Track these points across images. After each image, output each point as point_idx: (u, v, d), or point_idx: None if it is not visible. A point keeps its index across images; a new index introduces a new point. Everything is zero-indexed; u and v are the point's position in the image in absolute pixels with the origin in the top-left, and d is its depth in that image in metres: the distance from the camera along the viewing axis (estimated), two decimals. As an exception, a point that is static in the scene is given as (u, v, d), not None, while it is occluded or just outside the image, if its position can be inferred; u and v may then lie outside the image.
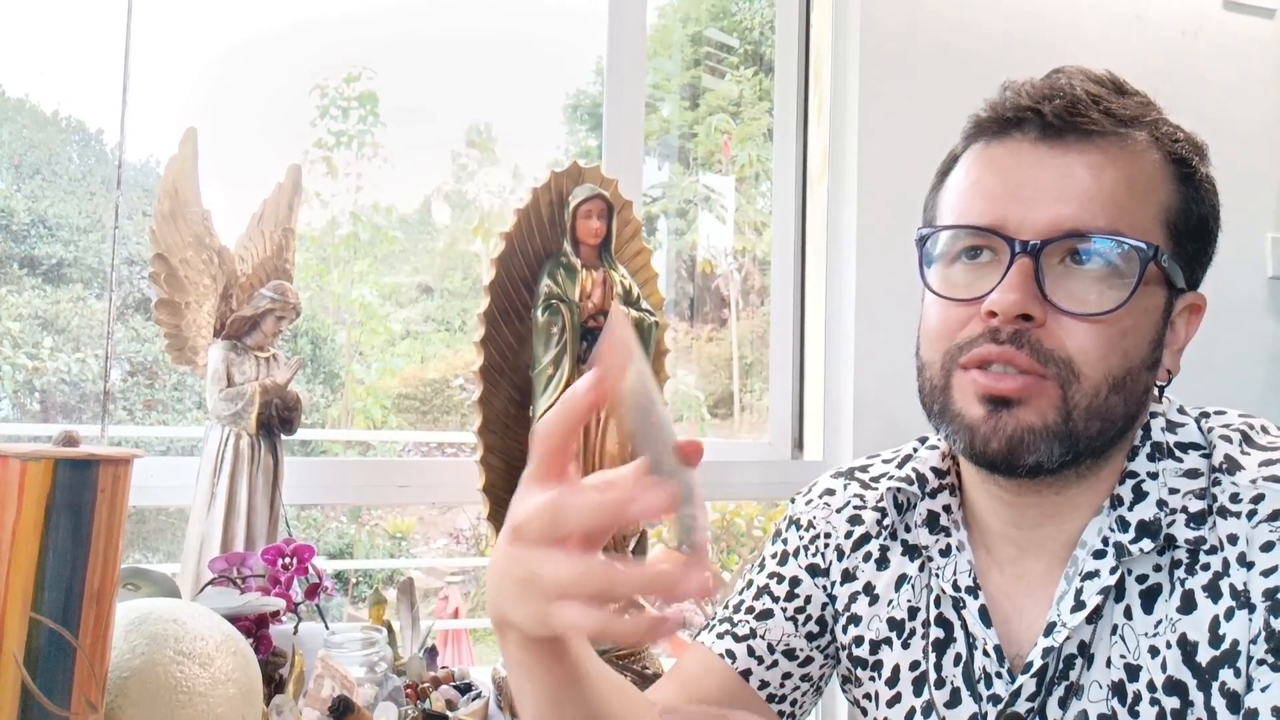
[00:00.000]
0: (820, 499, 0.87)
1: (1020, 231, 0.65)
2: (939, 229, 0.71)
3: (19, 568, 0.69)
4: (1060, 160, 0.66)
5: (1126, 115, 0.67)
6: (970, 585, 0.74)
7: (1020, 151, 0.67)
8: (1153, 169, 0.67)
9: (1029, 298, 0.64)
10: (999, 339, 0.65)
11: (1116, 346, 0.65)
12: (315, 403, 5.36)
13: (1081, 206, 0.64)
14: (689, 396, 4.45)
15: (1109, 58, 1.82)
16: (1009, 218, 0.66)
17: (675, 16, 4.24)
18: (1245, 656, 0.62)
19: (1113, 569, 0.67)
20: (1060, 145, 0.66)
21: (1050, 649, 0.68)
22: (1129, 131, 0.67)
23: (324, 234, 5.52)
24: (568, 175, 1.30)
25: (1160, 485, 0.68)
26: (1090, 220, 0.64)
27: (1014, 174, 0.67)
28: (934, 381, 0.70)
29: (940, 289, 0.70)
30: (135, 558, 4.09)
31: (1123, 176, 0.65)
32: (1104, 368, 0.65)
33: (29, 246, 4.27)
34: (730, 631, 0.84)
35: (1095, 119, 0.66)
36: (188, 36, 4.42)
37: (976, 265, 0.68)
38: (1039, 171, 0.66)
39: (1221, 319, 1.88)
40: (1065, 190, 0.65)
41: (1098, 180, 0.65)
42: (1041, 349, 0.64)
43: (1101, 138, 0.66)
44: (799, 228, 1.76)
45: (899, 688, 0.78)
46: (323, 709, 0.89)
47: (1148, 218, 0.66)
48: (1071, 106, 0.66)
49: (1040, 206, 0.65)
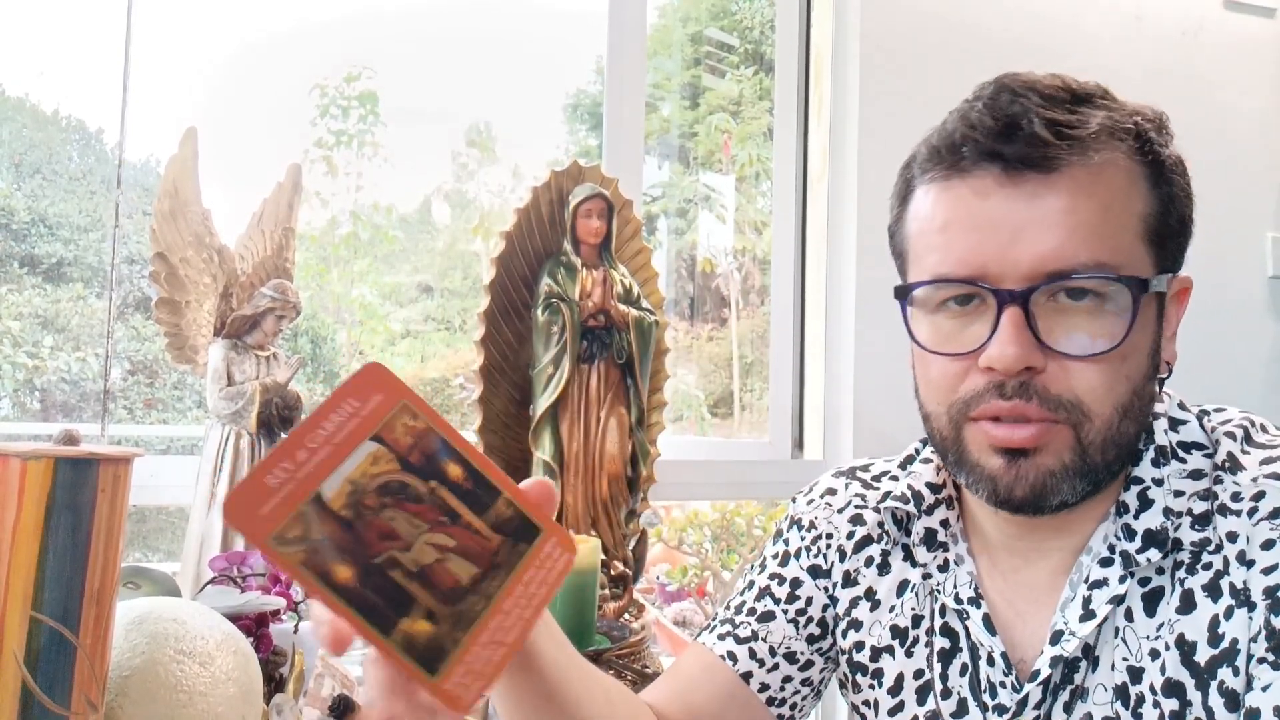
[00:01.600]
0: (822, 499, 0.87)
1: (1003, 279, 0.63)
2: (919, 284, 0.67)
3: (19, 567, 0.69)
4: (1030, 198, 0.62)
5: (1088, 132, 0.63)
6: (972, 596, 0.74)
7: (987, 192, 0.64)
8: (1124, 181, 0.64)
9: (1028, 349, 0.62)
10: (1005, 394, 0.63)
11: (1120, 375, 0.64)
12: (315, 401, 5.35)
13: (1061, 243, 0.62)
14: (689, 396, 4.44)
15: (1109, 58, 1.83)
16: (989, 266, 0.63)
17: (675, 16, 4.24)
18: (1245, 655, 0.62)
19: (1121, 578, 0.67)
20: (1028, 181, 0.63)
21: (1058, 658, 0.68)
22: (1094, 148, 0.63)
23: (324, 233, 5.52)
24: (568, 174, 1.30)
25: (1166, 492, 0.67)
26: (1073, 256, 0.62)
27: (985, 216, 0.63)
28: (944, 433, 0.68)
29: (930, 342, 0.67)
30: (135, 556, 4.08)
31: (1097, 203, 0.63)
32: (1112, 400, 0.64)
33: (29, 245, 4.26)
34: (732, 633, 0.83)
35: (1060, 152, 0.62)
36: (188, 36, 4.41)
37: (964, 312, 0.66)
38: (1010, 213, 0.63)
39: (1221, 319, 1.89)
40: (1042, 229, 0.62)
41: (1073, 213, 0.62)
42: (1050, 396, 0.63)
43: (1066, 167, 0.63)
44: (799, 228, 1.76)
45: (902, 696, 0.77)
46: (323, 708, 0.89)
47: (1129, 237, 0.64)
48: (1031, 143, 0.62)
49: (1019, 250, 0.62)
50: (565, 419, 1.24)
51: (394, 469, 0.41)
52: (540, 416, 1.24)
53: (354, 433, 0.40)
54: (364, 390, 0.41)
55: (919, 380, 0.71)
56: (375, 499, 0.40)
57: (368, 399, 0.41)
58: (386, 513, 0.40)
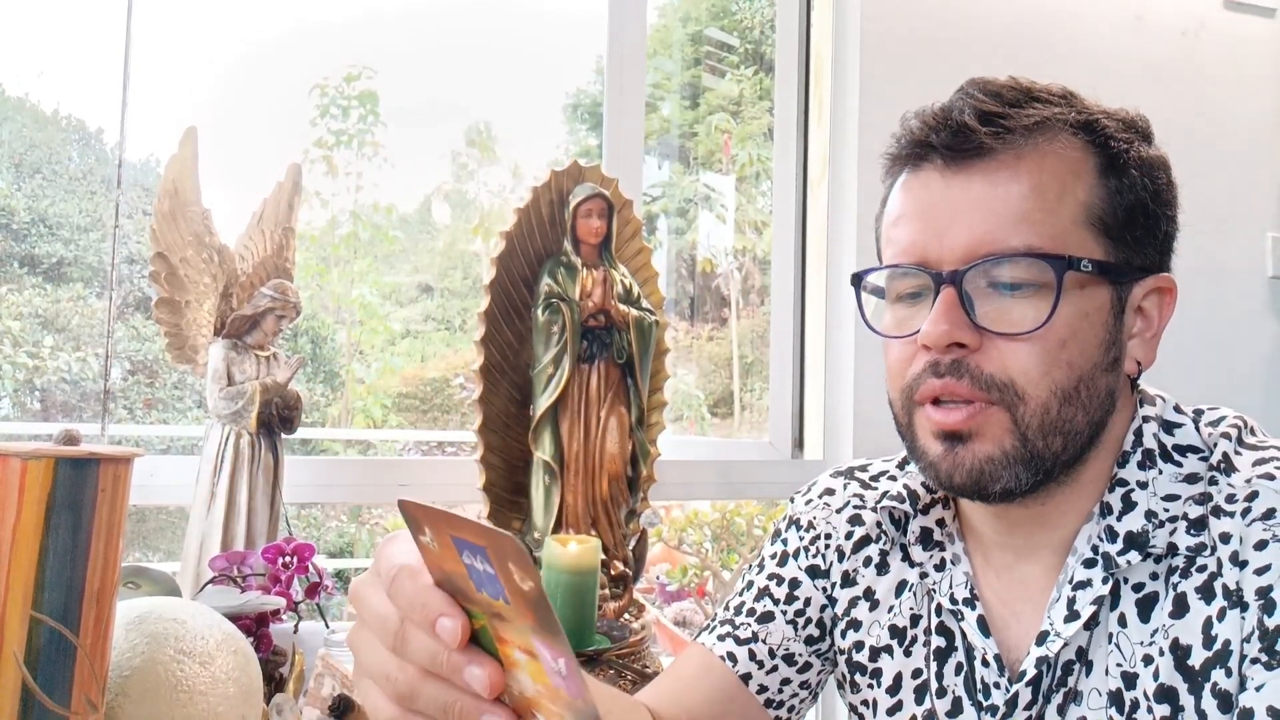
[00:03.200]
0: (820, 499, 0.87)
1: (941, 262, 0.66)
2: (867, 271, 0.73)
3: (19, 567, 0.69)
4: (964, 185, 0.66)
5: (1027, 124, 0.66)
6: (967, 597, 0.74)
7: (930, 182, 0.68)
8: (1064, 170, 0.66)
9: (957, 326, 0.65)
10: (939, 371, 0.66)
11: (1058, 359, 0.65)
12: (315, 402, 5.36)
13: (991, 227, 0.65)
14: (689, 395, 4.44)
15: (1109, 58, 1.83)
16: (928, 250, 0.67)
17: (675, 16, 4.24)
18: (1238, 656, 0.62)
19: (1104, 579, 0.67)
20: (963, 169, 0.66)
21: (1044, 658, 0.68)
22: (1029, 140, 0.66)
23: (324, 233, 5.52)
24: (568, 174, 1.30)
25: (1150, 495, 0.68)
26: (1003, 239, 0.64)
27: (927, 205, 0.68)
28: (900, 420, 0.72)
29: (885, 329, 0.71)
30: (135, 556, 4.09)
31: (1027, 188, 0.65)
32: (1048, 383, 0.65)
33: (29, 245, 4.27)
34: (732, 634, 0.84)
35: (984, 142, 0.66)
36: (188, 36, 4.42)
37: (915, 302, 0.69)
38: (946, 199, 0.67)
39: (1221, 319, 1.89)
40: (974, 214, 0.65)
41: (1003, 198, 0.65)
42: (982, 375, 0.65)
43: (1000, 154, 0.66)
44: (799, 228, 1.76)
45: (900, 695, 0.77)
46: (323, 708, 0.89)
47: (1064, 222, 0.66)
48: (958, 133, 0.66)
49: (953, 234, 0.66)
50: (565, 419, 1.24)
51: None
52: (540, 416, 1.24)
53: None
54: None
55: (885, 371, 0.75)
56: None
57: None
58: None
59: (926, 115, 0.69)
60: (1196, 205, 2.17)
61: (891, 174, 0.73)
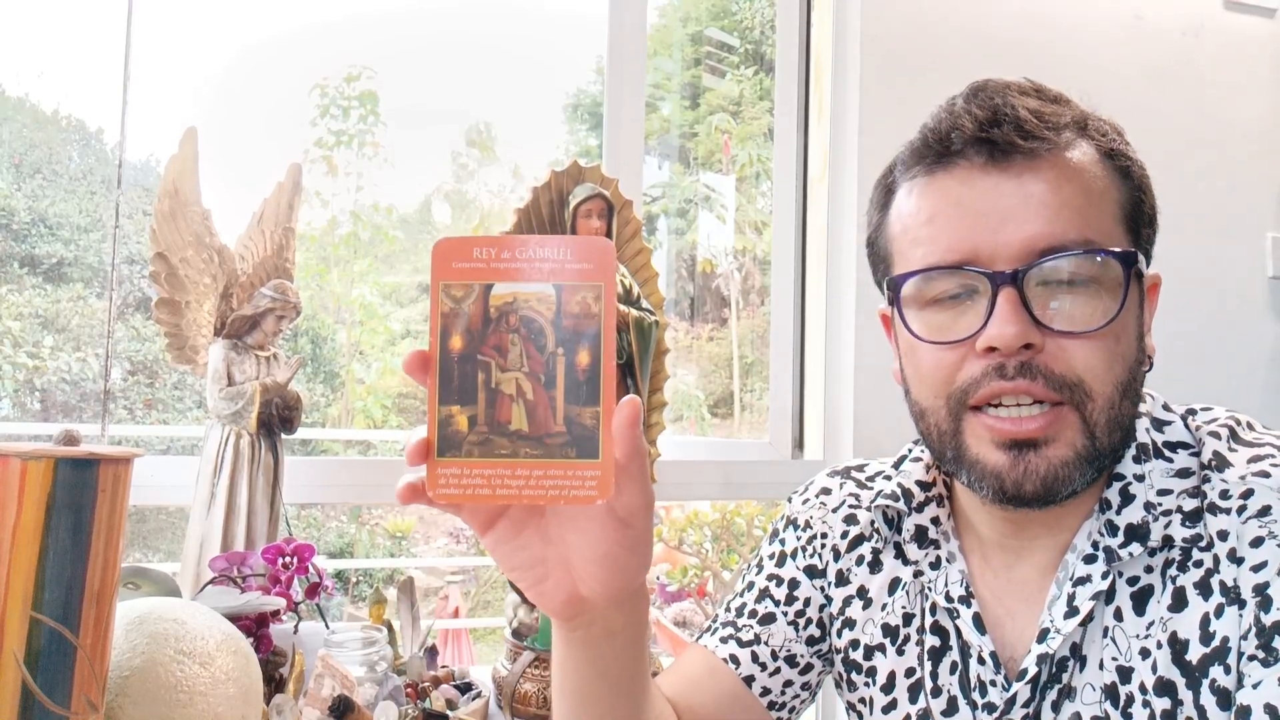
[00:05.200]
0: (817, 498, 0.87)
1: (995, 261, 0.64)
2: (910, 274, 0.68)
3: (19, 567, 0.69)
4: (1016, 182, 0.65)
5: (1064, 122, 0.66)
6: (963, 594, 0.74)
7: (972, 180, 0.66)
8: (1100, 170, 0.67)
9: (1026, 326, 0.63)
10: (1006, 374, 0.64)
11: (1116, 354, 0.65)
12: (315, 402, 5.36)
13: (1049, 224, 0.64)
14: (689, 396, 4.45)
15: (1109, 58, 1.83)
16: (980, 250, 0.64)
17: (675, 16, 4.24)
18: (1236, 653, 0.62)
19: (1104, 574, 0.67)
20: (1011, 167, 0.65)
21: (1045, 655, 0.68)
22: (1071, 139, 0.66)
23: (324, 233, 5.53)
24: (568, 174, 1.30)
25: (1147, 487, 0.68)
26: (1061, 235, 0.63)
27: (973, 204, 0.65)
28: (941, 427, 0.68)
29: (925, 334, 0.68)
30: (135, 557, 4.09)
31: (1079, 186, 0.65)
32: (1112, 379, 0.65)
33: (29, 246, 4.27)
34: (734, 636, 0.84)
35: (1045, 136, 0.65)
36: (188, 36, 4.43)
37: (955, 305, 0.67)
38: (999, 197, 0.65)
39: (1221, 319, 1.89)
40: (1029, 211, 0.64)
41: (1058, 195, 0.64)
42: (1053, 375, 0.63)
43: (1048, 153, 0.65)
44: (799, 228, 1.76)
45: (894, 694, 0.78)
46: (323, 708, 0.89)
47: (1109, 220, 0.66)
48: (1020, 128, 0.65)
49: (1009, 232, 0.64)
50: (565, 419, 1.24)
51: (548, 317, 0.48)
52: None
53: (551, 271, 0.49)
54: (586, 253, 0.48)
55: (910, 379, 0.72)
56: (515, 321, 0.49)
57: (582, 260, 0.48)
58: (513, 337, 0.49)
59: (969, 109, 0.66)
60: (1196, 205, 2.16)
61: (910, 170, 0.70)
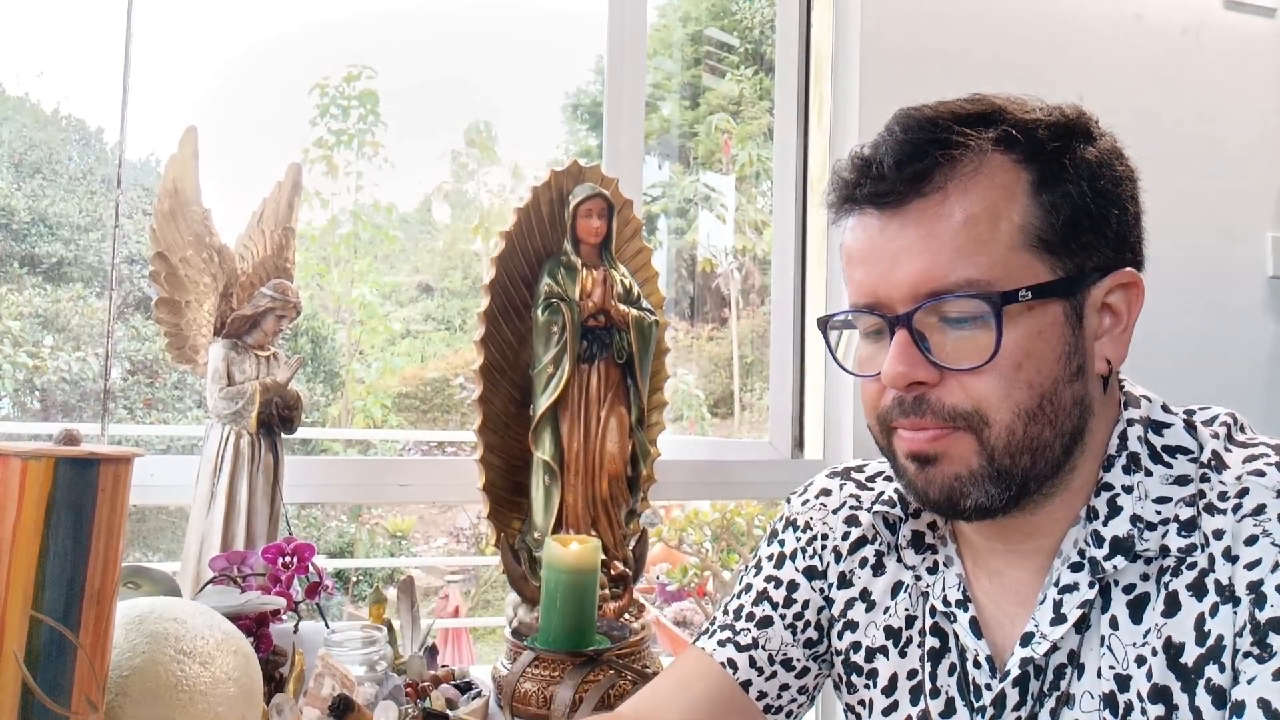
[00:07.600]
0: (817, 499, 0.87)
1: (891, 303, 0.67)
2: (831, 315, 0.75)
3: (19, 566, 0.69)
4: (899, 226, 0.67)
5: (953, 156, 0.66)
6: (960, 599, 0.75)
7: (868, 225, 0.69)
8: (995, 197, 0.66)
9: (914, 366, 0.66)
10: (904, 408, 0.68)
11: (1016, 381, 0.65)
12: (315, 402, 5.37)
13: (928, 265, 0.65)
14: (689, 395, 4.45)
15: (1109, 58, 1.83)
16: (878, 292, 0.68)
17: (675, 16, 4.24)
18: (1231, 650, 0.62)
19: (1090, 583, 0.67)
20: (893, 210, 0.67)
21: (1028, 659, 0.69)
22: (956, 172, 0.66)
23: (324, 233, 5.53)
24: (568, 174, 1.30)
25: (1135, 500, 0.68)
26: (942, 276, 0.65)
27: (869, 249, 0.69)
28: (880, 442, 0.74)
29: (855, 366, 0.74)
30: (136, 556, 4.09)
31: (959, 223, 0.65)
32: (1010, 405, 0.65)
33: (29, 245, 4.27)
34: (732, 639, 0.84)
35: (904, 190, 0.66)
36: (188, 36, 4.42)
37: (878, 339, 0.71)
38: (884, 242, 0.68)
39: (1221, 319, 1.89)
40: (911, 255, 0.66)
41: (937, 235, 0.65)
42: (944, 408, 0.66)
43: (928, 193, 0.66)
44: (799, 228, 1.76)
45: (895, 696, 0.78)
46: (323, 708, 0.89)
47: (1000, 249, 0.65)
48: (880, 182, 0.67)
49: (896, 276, 0.67)
50: (565, 419, 1.24)
51: None
52: (540, 416, 1.24)
53: None
54: None
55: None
56: None
57: None
58: None
59: (852, 165, 0.70)
60: (1196, 205, 2.17)
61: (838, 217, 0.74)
